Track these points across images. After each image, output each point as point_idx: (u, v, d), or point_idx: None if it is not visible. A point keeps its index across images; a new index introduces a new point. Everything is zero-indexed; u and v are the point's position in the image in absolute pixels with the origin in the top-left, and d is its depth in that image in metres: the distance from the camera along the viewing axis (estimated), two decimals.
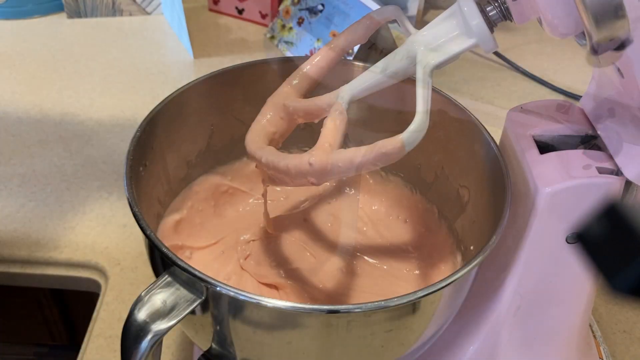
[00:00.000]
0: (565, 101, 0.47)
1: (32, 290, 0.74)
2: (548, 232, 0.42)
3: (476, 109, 0.85)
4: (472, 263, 0.37)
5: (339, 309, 0.35)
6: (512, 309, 0.46)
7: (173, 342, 0.56)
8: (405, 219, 0.57)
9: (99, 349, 0.55)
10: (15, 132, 0.77)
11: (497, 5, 0.37)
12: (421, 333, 0.41)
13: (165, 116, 0.48)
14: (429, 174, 0.55)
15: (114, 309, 0.58)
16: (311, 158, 0.38)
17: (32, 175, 0.71)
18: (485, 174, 0.47)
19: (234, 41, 0.97)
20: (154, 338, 0.35)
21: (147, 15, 1.02)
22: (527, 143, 0.44)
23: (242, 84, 0.53)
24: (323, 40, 0.88)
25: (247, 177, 0.57)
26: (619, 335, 0.59)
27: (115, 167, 0.72)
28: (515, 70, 0.94)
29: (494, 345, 0.47)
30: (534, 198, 0.41)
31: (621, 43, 0.32)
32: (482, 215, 0.47)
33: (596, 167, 0.41)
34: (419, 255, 0.54)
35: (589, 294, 0.46)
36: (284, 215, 0.57)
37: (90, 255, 0.62)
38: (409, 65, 0.39)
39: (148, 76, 0.88)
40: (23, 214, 0.66)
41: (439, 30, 0.38)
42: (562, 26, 0.33)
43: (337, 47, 0.45)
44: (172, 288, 0.37)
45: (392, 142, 0.35)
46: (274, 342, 0.39)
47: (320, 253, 0.53)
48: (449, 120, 0.51)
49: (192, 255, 0.52)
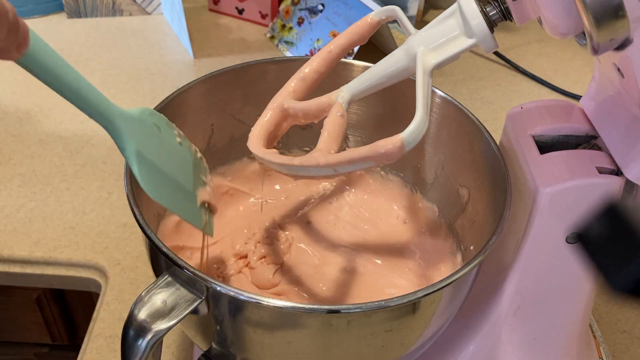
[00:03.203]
0: (565, 101, 0.47)
1: (32, 290, 0.74)
2: (548, 232, 0.42)
3: (476, 108, 0.86)
4: (472, 263, 0.37)
5: (339, 309, 0.35)
6: (512, 309, 0.46)
7: (173, 342, 0.56)
8: (405, 219, 0.57)
9: (99, 349, 0.55)
10: (15, 132, 0.77)
11: (497, 5, 0.37)
12: (421, 333, 0.41)
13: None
14: (429, 174, 0.55)
15: (114, 309, 0.58)
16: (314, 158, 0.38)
17: (32, 175, 0.71)
18: (485, 174, 0.47)
19: (234, 41, 0.97)
20: (154, 338, 0.35)
21: (147, 15, 1.02)
22: (527, 143, 0.44)
23: (242, 84, 0.53)
24: (323, 40, 0.88)
25: (247, 177, 0.57)
26: (619, 335, 0.59)
27: (115, 167, 0.72)
28: (515, 70, 0.94)
29: (494, 345, 0.47)
30: (534, 198, 0.41)
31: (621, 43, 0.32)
32: (482, 215, 0.47)
33: (596, 167, 0.41)
34: (419, 255, 0.54)
35: (589, 294, 0.46)
36: (288, 218, 0.57)
37: (90, 255, 0.62)
38: (409, 65, 0.39)
39: (148, 76, 0.88)
40: (23, 214, 0.66)
41: (439, 30, 0.38)
42: (562, 26, 0.33)
43: (338, 47, 0.45)
44: (172, 288, 0.37)
45: (392, 142, 0.35)
46: (274, 342, 0.39)
47: (325, 254, 0.54)
48: (449, 120, 0.51)
49: (193, 256, 0.52)
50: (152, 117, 0.38)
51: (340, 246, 0.54)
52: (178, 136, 0.41)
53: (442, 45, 0.38)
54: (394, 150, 0.35)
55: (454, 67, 0.93)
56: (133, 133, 0.35)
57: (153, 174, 0.36)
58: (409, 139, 0.35)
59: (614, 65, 0.36)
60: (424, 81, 0.37)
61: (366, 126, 0.57)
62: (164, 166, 0.38)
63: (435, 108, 0.51)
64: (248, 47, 0.95)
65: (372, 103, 0.55)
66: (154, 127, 0.38)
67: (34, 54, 0.29)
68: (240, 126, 0.54)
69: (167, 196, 0.38)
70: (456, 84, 0.91)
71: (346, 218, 0.57)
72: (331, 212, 0.58)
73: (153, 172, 0.36)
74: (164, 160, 0.38)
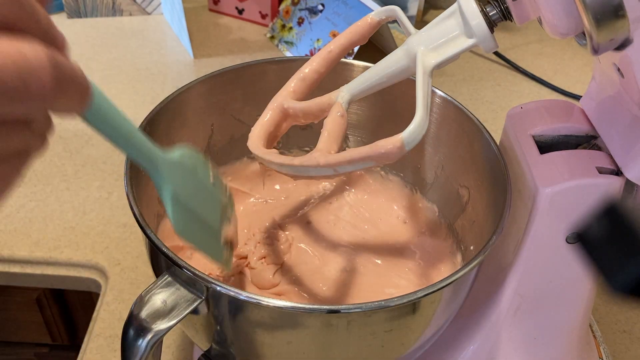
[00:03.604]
0: (565, 101, 0.47)
1: (32, 290, 0.74)
2: (548, 232, 0.42)
3: (476, 108, 0.86)
4: (472, 263, 0.37)
5: (339, 308, 0.35)
6: (512, 309, 0.46)
7: (173, 342, 0.56)
8: (405, 219, 0.57)
9: (99, 349, 0.55)
10: None
11: (497, 5, 0.37)
12: (421, 333, 0.41)
13: (165, 116, 0.48)
14: (429, 174, 0.55)
15: (114, 309, 0.58)
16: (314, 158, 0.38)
17: (32, 175, 0.71)
18: (485, 174, 0.47)
19: (234, 41, 0.97)
20: (154, 338, 0.35)
21: (147, 15, 1.02)
22: (527, 143, 0.44)
23: (242, 84, 0.53)
24: (323, 40, 0.88)
25: (247, 177, 0.57)
26: (619, 335, 0.59)
27: (115, 167, 0.72)
28: (515, 70, 0.94)
29: (494, 345, 0.47)
30: (534, 198, 0.41)
31: (621, 43, 0.32)
32: (482, 215, 0.47)
33: (596, 167, 0.41)
34: (419, 255, 0.54)
35: (589, 294, 0.46)
36: (288, 218, 0.57)
37: (90, 255, 0.62)
38: (409, 65, 0.39)
39: (148, 76, 0.88)
40: (23, 214, 0.66)
41: (439, 30, 0.38)
42: (562, 26, 0.33)
43: (338, 47, 0.45)
44: (172, 288, 0.37)
45: (392, 142, 0.35)
46: (274, 342, 0.39)
47: (325, 254, 0.54)
48: (449, 120, 0.51)
49: (193, 256, 0.52)
50: (191, 159, 0.38)
51: (340, 246, 0.54)
52: (212, 176, 0.41)
53: (442, 46, 0.38)
54: (394, 150, 0.35)
55: (454, 67, 0.93)
56: (172, 177, 0.36)
57: (185, 216, 0.37)
58: (409, 139, 0.35)
59: (614, 65, 0.36)
60: (424, 81, 0.37)
61: (366, 126, 0.57)
62: (196, 208, 0.38)
63: (435, 108, 0.51)
64: (248, 47, 0.95)
65: (372, 103, 0.55)
66: (191, 170, 0.38)
67: (96, 108, 0.28)
68: (240, 126, 0.54)
69: (195, 236, 0.39)
70: (456, 84, 0.91)
71: (346, 218, 0.57)
72: (331, 212, 0.58)
73: (185, 214, 0.37)
74: (196, 201, 0.39)
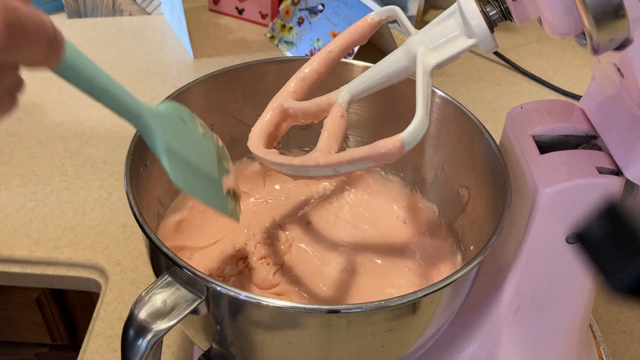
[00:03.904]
0: (565, 101, 0.47)
1: (32, 290, 0.74)
2: (548, 232, 0.42)
3: (476, 108, 0.86)
4: (472, 263, 0.37)
5: (339, 309, 0.35)
6: (512, 309, 0.46)
7: (173, 342, 0.56)
8: (405, 219, 0.57)
9: (99, 349, 0.55)
10: (15, 132, 0.77)
11: (497, 5, 0.37)
12: (421, 333, 0.41)
13: None
14: (429, 174, 0.55)
15: (114, 309, 0.58)
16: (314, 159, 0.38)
17: (32, 175, 0.71)
18: (485, 174, 0.47)
19: (234, 41, 0.97)
20: (154, 338, 0.35)
21: (147, 15, 1.02)
22: (527, 143, 0.44)
23: (242, 84, 0.53)
24: (323, 40, 0.88)
25: (247, 177, 0.57)
26: (619, 335, 0.59)
27: (115, 167, 0.72)
28: (515, 70, 0.94)
29: (494, 345, 0.47)
30: (534, 198, 0.41)
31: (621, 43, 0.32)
32: (482, 215, 0.47)
33: (596, 167, 0.41)
34: (419, 255, 0.54)
35: (589, 294, 0.46)
36: (289, 218, 0.57)
37: (90, 255, 0.62)
38: (409, 65, 0.39)
39: (148, 76, 0.88)
40: (23, 214, 0.66)
41: (439, 30, 0.38)
42: (562, 26, 0.33)
43: (338, 47, 0.45)
44: (172, 288, 0.37)
45: (392, 142, 0.35)
46: (274, 342, 0.39)
47: (325, 254, 0.54)
48: (449, 120, 0.51)
49: (192, 256, 0.52)
50: (176, 110, 0.39)
51: (340, 246, 0.54)
52: (201, 126, 0.42)
53: (442, 46, 0.38)
54: (394, 150, 0.35)
55: (454, 67, 0.93)
56: (161, 129, 0.36)
57: (182, 167, 0.37)
58: (409, 139, 0.35)
59: (614, 65, 0.36)
60: (424, 81, 0.37)
61: (366, 126, 0.57)
62: (191, 158, 0.38)
63: (435, 108, 0.51)
64: (248, 47, 0.95)
65: (372, 103, 0.55)
66: (179, 121, 0.38)
67: (69, 61, 0.29)
68: (240, 126, 0.54)
69: (196, 187, 0.39)
70: (456, 84, 0.91)
71: (346, 218, 0.57)
72: (331, 212, 0.58)
73: (182, 165, 0.37)
74: (190, 152, 0.38)
